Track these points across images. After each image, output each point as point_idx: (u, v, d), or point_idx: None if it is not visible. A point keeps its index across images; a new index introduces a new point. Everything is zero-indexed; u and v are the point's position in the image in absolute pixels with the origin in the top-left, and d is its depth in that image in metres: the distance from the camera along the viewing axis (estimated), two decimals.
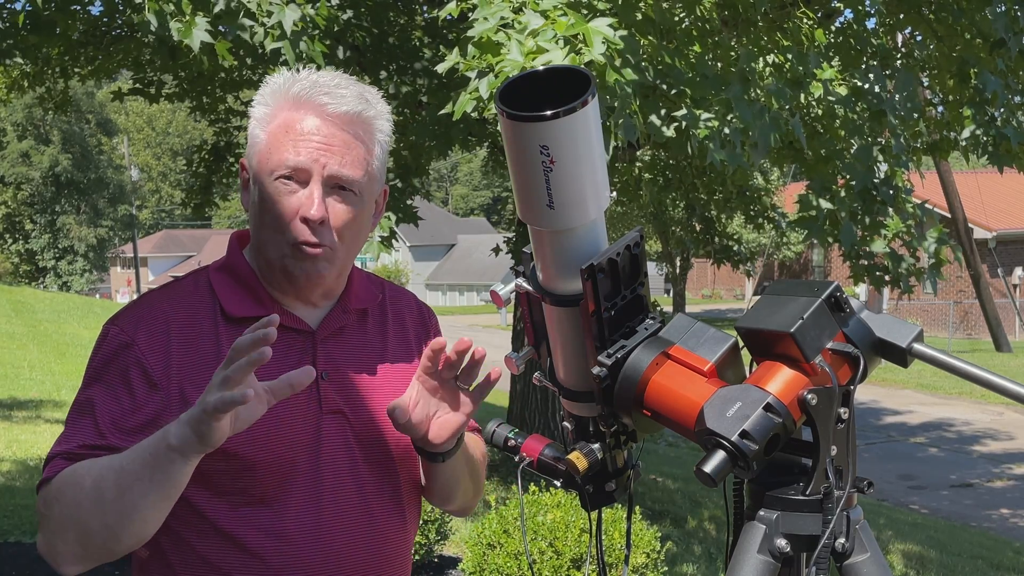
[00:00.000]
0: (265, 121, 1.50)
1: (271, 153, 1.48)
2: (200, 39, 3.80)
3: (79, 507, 1.37)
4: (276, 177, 1.47)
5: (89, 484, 1.36)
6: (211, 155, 8.40)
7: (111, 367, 1.48)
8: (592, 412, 1.39)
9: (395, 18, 6.69)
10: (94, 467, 1.39)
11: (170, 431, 1.33)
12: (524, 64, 3.53)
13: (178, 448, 1.32)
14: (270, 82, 1.53)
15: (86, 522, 1.37)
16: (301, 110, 1.47)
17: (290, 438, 1.49)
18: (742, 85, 4.37)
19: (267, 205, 1.48)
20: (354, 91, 1.50)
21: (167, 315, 1.51)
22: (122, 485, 1.34)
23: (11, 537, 5.22)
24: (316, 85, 1.48)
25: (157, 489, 1.35)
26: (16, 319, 20.45)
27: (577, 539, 4.23)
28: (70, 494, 1.38)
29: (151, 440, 1.35)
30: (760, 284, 1.38)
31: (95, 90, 40.88)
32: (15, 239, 47.26)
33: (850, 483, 1.25)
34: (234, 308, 1.52)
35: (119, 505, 1.35)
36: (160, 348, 1.47)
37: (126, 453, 1.38)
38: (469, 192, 75.62)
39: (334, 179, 1.47)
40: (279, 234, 1.48)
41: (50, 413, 9.92)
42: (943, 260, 5.45)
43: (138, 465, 1.34)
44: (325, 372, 1.54)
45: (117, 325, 1.51)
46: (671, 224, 18.65)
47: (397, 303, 1.70)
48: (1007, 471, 11.41)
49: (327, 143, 1.47)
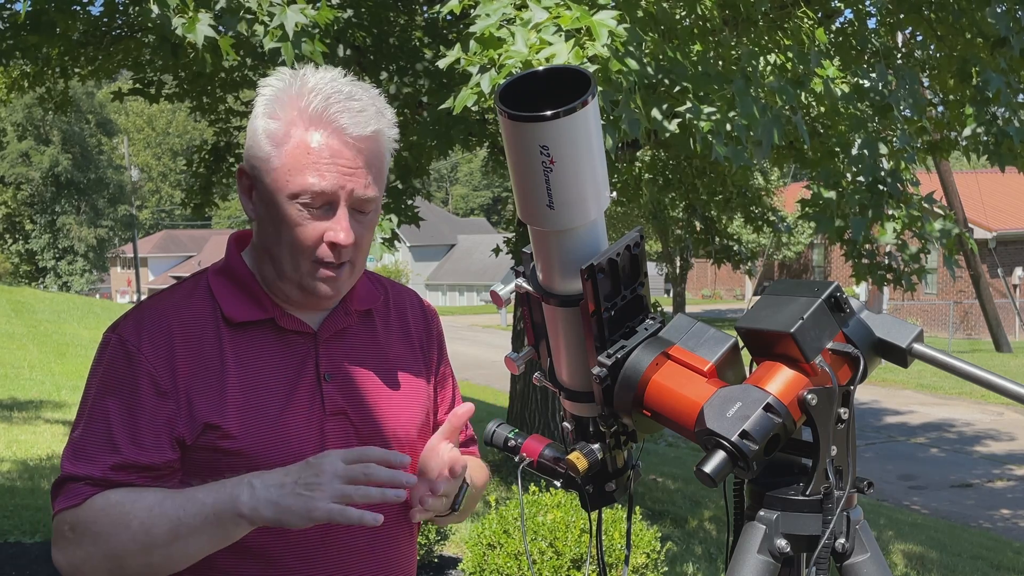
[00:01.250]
0: (277, 138, 1.44)
1: (290, 175, 1.43)
2: (204, 34, 3.81)
3: (121, 545, 1.38)
4: (297, 200, 1.44)
5: (136, 526, 1.37)
6: (211, 155, 8.39)
7: (120, 379, 1.46)
8: (592, 412, 1.39)
9: (395, 18, 6.69)
10: (139, 507, 1.38)
11: (241, 499, 1.36)
12: (528, 57, 3.53)
13: (249, 518, 1.36)
14: (274, 87, 1.47)
15: (124, 558, 1.39)
16: (320, 130, 1.43)
17: (295, 441, 1.48)
18: (745, 82, 4.37)
19: (287, 227, 1.45)
20: (369, 105, 1.46)
21: (169, 322, 1.49)
22: (178, 534, 1.37)
23: (11, 537, 5.21)
24: (331, 99, 1.43)
25: (214, 544, 1.39)
26: (16, 319, 20.44)
27: (577, 539, 4.23)
28: (110, 530, 1.38)
29: (214, 497, 1.37)
30: (760, 284, 1.39)
31: (95, 90, 40.90)
32: (15, 239, 47.25)
33: (850, 483, 1.25)
34: (235, 313, 1.51)
35: (168, 551, 1.38)
36: (165, 356, 1.46)
37: (178, 499, 1.39)
38: (469, 192, 75.62)
39: (358, 202, 1.46)
40: (301, 256, 1.46)
41: (50, 413, 9.92)
42: (953, 249, 5.40)
43: (198, 520, 1.37)
44: (327, 374, 1.53)
45: (119, 334, 1.49)
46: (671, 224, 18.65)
47: (400, 303, 1.69)
48: (1008, 471, 11.41)
49: (351, 167, 1.44)
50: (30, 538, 5.21)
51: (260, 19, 3.96)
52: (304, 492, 1.34)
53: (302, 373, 1.51)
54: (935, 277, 26.26)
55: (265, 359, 1.50)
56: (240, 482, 1.38)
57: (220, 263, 1.58)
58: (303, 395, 1.50)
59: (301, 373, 1.51)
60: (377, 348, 1.61)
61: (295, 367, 1.51)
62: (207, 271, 1.58)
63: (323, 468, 1.35)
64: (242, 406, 1.46)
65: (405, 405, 1.60)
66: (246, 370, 1.48)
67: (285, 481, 1.36)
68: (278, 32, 3.92)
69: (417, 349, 1.67)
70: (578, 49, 3.56)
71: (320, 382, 1.52)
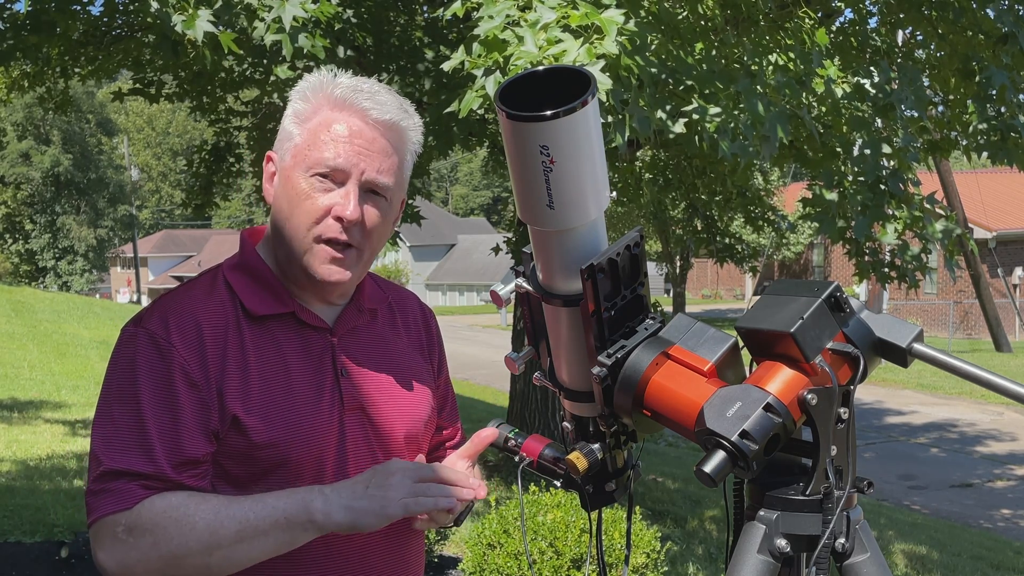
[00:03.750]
0: (303, 117, 1.51)
1: (309, 150, 1.48)
2: (203, 30, 3.81)
3: (185, 546, 1.39)
4: (312, 174, 1.47)
5: (203, 527, 1.39)
6: (211, 155, 8.39)
7: (153, 373, 1.44)
8: (592, 412, 1.39)
9: (395, 18, 6.69)
10: (204, 508, 1.40)
11: (315, 504, 1.39)
12: (538, 57, 3.52)
13: (321, 524, 1.40)
14: (309, 79, 1.54)
15: (185, 558, 1.39)
16: (344, 112, 1.49)
17: (319, 436, 1.50)
18: (750, 80, 4.36)
19: (298, 200, 1.48)
20: (394, 100, 1.52)
21: (194, 315, 1.49)
22: (243, 536, 1.39)
23: (11, 537, 5.21)
24: (357, 90, 1.49)
25: (277, 549, 1.42)
26: (16, 319, 20.45)
27: (577, 539, 4.23)
28: (174, 532, 1.38)
29: (287, 503, 1.40)
30: (760, 284, 1.38)
31: (95, 90, 40.91)
32: (15, 239, 47.26)
33: (850, 483, 1.25)
34: (256, 306, 1.52)
35: (231, 552, 1.40)
36: (195, 350, 1.46)
37: (246, 502, 1.40)
38: (469, 192, 75.62)
39: (370, 184, 1.49)
40: (307, 229, 1.48)
41: (50, 413, 9.91)
42: (954, 251, 5.40)
43: (268, 524, 1.39)
44: (344, 369, 1.55)
45: (145, 328, 1.48)
46: (671, 224, 18.65)
47: (402, 304, 1.73)
48: (1008, 471, 11.41)
49: (367, 148, 1.48)
50: (30, 538, 5.20)
51: (259, 15, 3.96)
52: (377, 492, 1.40)
53: (321, 368, 1.54)
54: (935, 277, 26.25)
55: (287, 353, 1.52)
56: (311, 490, 1.42)
57: (234, 259, 1.59)
58: (325, 390, 1.53)
59: (320, 368, 1.53)
60: (385, 346, 1.64)
61: (315, 362, 1.54)
62: (221, 267, 1.58)
63: (392, 471, 1.43)
64: (267, 399, 1.47)
65: (413, 401, 1.63)
66: (269, 363, 1.50)
67: (356, 487, 1.42)
68: (277, 25, 3.92)
69: (419, 347, 1.71)
70: (588, 46, 3.55)
71: (338, 377, 1.54)
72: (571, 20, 3.59)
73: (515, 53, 3.57)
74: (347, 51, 5.75)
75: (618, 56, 3.59)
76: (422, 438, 1.65)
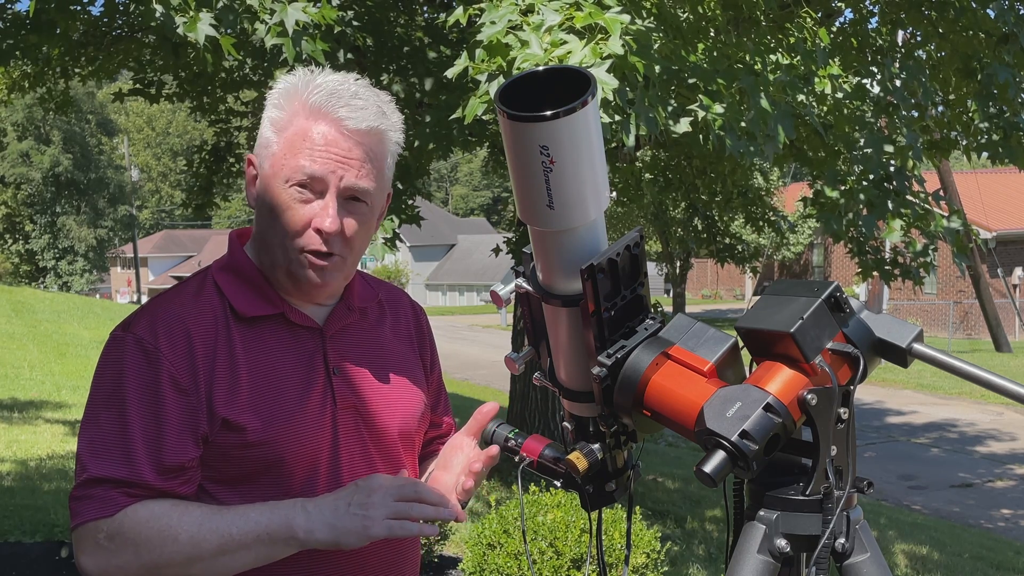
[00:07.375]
0: (280, 125, 1.49)
1: (286, 159, 1.47)
2: (205, 33, 3.81)
3: (166, 556, 1.39)
4: (290, 184, 1.46)
5: (185, 539, 1.39)
6: (211, 155, 8.38)
7: (140, 379, 1.44)
8: (592, 412, 1.39)
9: (396, 18, 6.68)
10: (187, 520, 1.39)
11: (296, 522, 1.39)
12: (544, 59, 3.52)
13: (303, 541, 1.39)
14: (285, 82, 1.52)
15: (165, 568, 1.40)
16: (319, 121, 1.46)
17: (312, 435, 1.51)
18: (753, 78, 4.36)
19: (278, 211, 1.48)
20: (372, 103, 1.49)
21: (182, 318, 1.49)
22: (225, 549, 1.39)
23: (11, 537, 5.21)
24: (334, 95, 1.47)
25: (258, 562, 1.42)
26: (16, 319, 20.45)
27: (577, 539, 4.23)
28: (156, 542, 1.39)
29: (269, 518, 1.40)
30: (760, 284, 1.39)
31: (95, 90, 40.85)
32: (15, 239, 47.27)
33: (850, 483, 1.25)
34: (245, 308, 1.52)
35: (212, 564, 1.40)
36: (183, 354, 1.46)
37: (228, 515, 1.40)
38: (469, 192, 75.61)
39: (349, 191, 1.48)
40: (289, 240, 1.48)
41: (50, 413, 9.91)
42: (962, 246, 5.38)
43: (250, 538, 1.39)
44: (336, 368, 1.55)
45: (133, 333, 1.47)
46: (672, 224, 18.66)
47: (392, 302, 1.73)
48: (1008, 471, 11.40)
49: (345, 157, 1.46)
50: (30, 538, 5.20)
51: (261, 17, 3.96)
52: (359, 512, 1.40)
53: (312, 367, 1.53)
54: (935, 277, 26.24)
55: (277, 354, 1.52)
56: (293, 505, 1.42)
57: (223, 260, 1.59)
58: (316, 389, 1.52)
59: (312, 367, 1.53)
60: (376, 344, 1.63)
61: (306, 361, 1.53)
62: (209, 269, 1.58)
63: (373, 488, 1.41)
64: (258, 400, 1.47)
65: (406, 399, 1.63)
66: (259, 365, 1.50)
67: (338, 503, 1.41)
68: (278, 28, 3.92)
69: (411, 344, 1.71)
70: (594, 46, 3.54)
71: (330, 377, 1.54)
72: (576, 21, 3.58)
73: (520, 56, 3.56)
74: (347, 54, 5.75)
75: (623, 55, 3.58)
76: (415, 434, 1.66)
